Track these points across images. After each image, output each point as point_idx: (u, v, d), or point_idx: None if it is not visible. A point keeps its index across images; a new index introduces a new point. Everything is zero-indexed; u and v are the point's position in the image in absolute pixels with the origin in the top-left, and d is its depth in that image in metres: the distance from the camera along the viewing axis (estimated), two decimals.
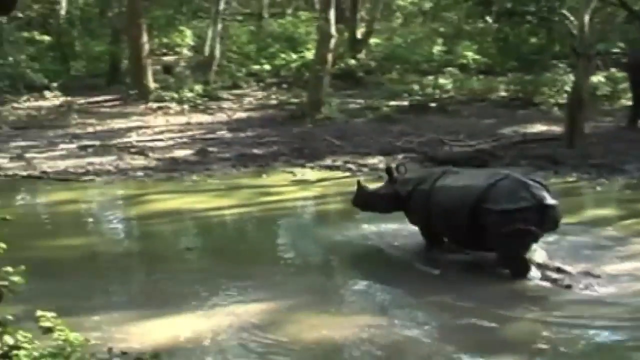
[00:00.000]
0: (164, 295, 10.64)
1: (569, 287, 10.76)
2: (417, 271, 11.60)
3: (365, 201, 13.16)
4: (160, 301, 10.38)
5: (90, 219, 15.50)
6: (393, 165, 13.50)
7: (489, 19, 33.96)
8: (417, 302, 10.37)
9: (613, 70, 28.15)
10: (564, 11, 24.29)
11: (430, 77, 30.02)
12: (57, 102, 30.17)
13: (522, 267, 11.26)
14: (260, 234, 13.43)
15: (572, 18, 22.81)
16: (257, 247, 12.98)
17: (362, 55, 34.67)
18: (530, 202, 11.12)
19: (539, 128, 23.70)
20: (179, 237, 13.80)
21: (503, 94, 28.95)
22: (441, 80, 29.25)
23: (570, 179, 18.04)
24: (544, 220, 11.16)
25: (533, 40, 34.13)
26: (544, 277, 11.12)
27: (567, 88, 25.24)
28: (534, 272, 11.23)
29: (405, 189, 12.54)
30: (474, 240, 11.66)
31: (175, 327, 9.40)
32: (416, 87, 28.62)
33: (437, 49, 34.44)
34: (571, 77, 25.35)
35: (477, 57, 33.44)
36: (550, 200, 11.27)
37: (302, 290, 10.75)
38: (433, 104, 27.12)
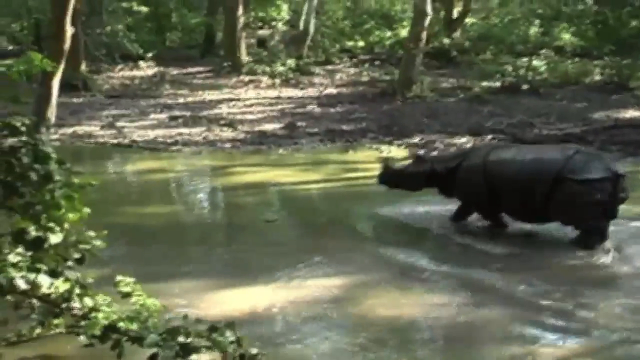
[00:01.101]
0: (242, 266, 10.74)
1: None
2: (488, 252, 11.56)
3: (393, 179, 13.21)
4: (237, 272, 10.47)
5: (176, 189, 15.70)
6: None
7: (588, 0, 33.38)
8: (494, 283, 10.27)
9: None
10: None
11: (525, 59, 29.62)
12: (150, 72, 30.60)
13: (596, 239, 11.46)
14: (342, 209, 13.42)
15: None
16: (337, 223, 12.96)
17: (456, 35, 34.42)
18: (607, 173, 11.39)
19: (632, 114, 23.24)
20: (262, 210, 13.88)
21: (597, 77, 28.44)
22: (535, 62, 28.86)
23: None
24: (617, 190, 11.38)
25: (634, 23, 33.45)
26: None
27: None
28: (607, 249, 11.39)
29: (445, 165, 12.69)
30: (545, 213, 11.72)
31: (251, 298, 9.47)
32: (509, 68, 28.32)
33: (533, 30, 34.04)
34: None
35: (574, 39, 32.95)
36: (622, 171, 11.59)
37: (380, 267, 10.74)
38: (525, 86, 26.81)
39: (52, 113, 19.17)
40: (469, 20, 36.12)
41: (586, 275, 10.62)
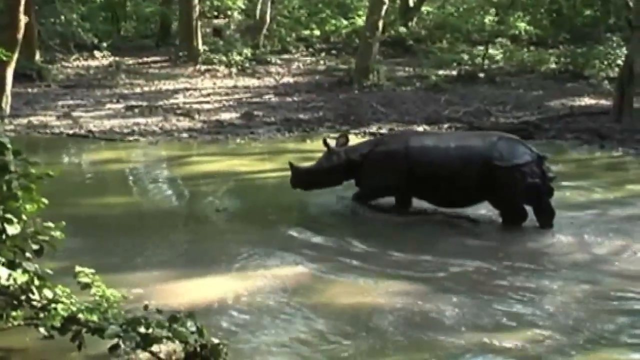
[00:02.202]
0: (199, 256, 10.72)
1: None
2: (446, 234, 11.77)
3: (309, 179, 12.99)
4: (195, 262, 10.46)
5: (133, 179, 15.59)
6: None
7: None
8: (454, 268, 10.33)
9: None
10: None
11: (481, 47, 29.85)
12: (106, 62, 30.35)
13: (521, 216, 12.04)
14: (298, 198, 13.36)
15: None
16: (293, 211, 13.00)
17: (413, 24, 34.47)
18: (532, 156, 11.95)
19: (587, 102, 23.50)
20: (219, 199, 13.84)
21: (553, 66, 28.66)
22: (491, 51, 29.08)
23: (616, 154, 17.91)
24: (543, 171, 11.95)
25: (587, 12, 33.73)
26: None
27: (620, 62, 24.95)
28: None
29: (360, 152, 12.76)
30: (470, 198, 12.26)
31: (209, 288, 9.47)
32: (466, 57, 28.52)
33: (489, 19, 34.21)
34: (624, 51, 25.01)
35: (529, 28, 33.16)
36: (542, 154, 12.23)
37: (337, 255, 10.76)
38: (482, 75, 26.99)
39: (6, 103, 18.92)
40: (424, 8, 36.16)
41: (548, 261, 10.72)
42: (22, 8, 18.70)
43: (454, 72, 27.38)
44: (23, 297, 7.15)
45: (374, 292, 9.53)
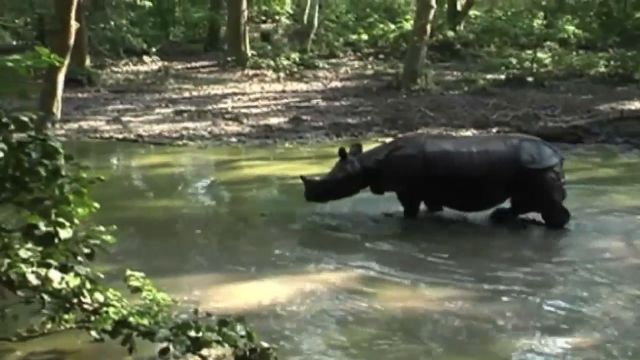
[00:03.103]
0: (247, 259, 10.73)
1: None
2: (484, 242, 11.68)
3: (324, 191, 12.78)
4: (243, 265, 10.46)
5: (182, 183, 15.66)
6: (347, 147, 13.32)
7: None
8: (504, 274, 10.27)
9: None
10: None
11: (529, 51, 29.65)
12: (155, 66, 30.61)
13: (565, 217, 12.07)
14: (345, 202, 13.28)
15: None
16: (341, 216, 12.96)
17: (460, 27, 34.39)
18: (558, 157, 12.16)
19: (637, 105, 23.23)
20: (268, 204, 13.88)
21: (602, 69, 28.40)
22: (540, 55, 28.87)
23: None
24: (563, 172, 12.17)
25: (638, 15, 33.42)
26: None
27: None
28: None
29: (375, 158, 12.61)
30: (494, 201, 12.31)
31: (258, 291, 9.46)
32: (514, 60, 28.35)
33: (537, 22, 34.01)
34: None
35: (578, 31, 32.91)
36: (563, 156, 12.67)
37: (384, 260, 10.72)
38: (530, 78, 26.81)
39: (57, 108, 19.14)
40: (472, 12, 36.07)
41: (598, 267, 10.60)
42: (73, 14, 18.91)
43: (502, 76, 27.22)
44: (75, 301, 7.21)
45: (425, 297, 9.49)
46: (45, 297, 7.21)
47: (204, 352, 7.02)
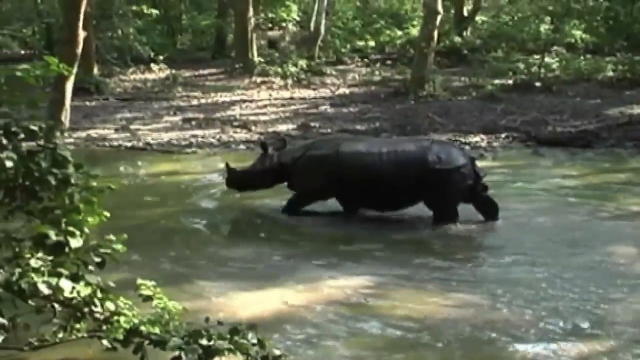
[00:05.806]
0: (258, 267, 10.74)
1: None
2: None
3: (242, 181, 13.56)
4: (255, 273, 10.47)
5: (191, 191, 15.63)
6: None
7: None
8: (522, 279, 10.24)
9: None
10: None
11: (536, 56, 29.60)
12: (162, 74, 30.63)
13: (454, 215, 12.49)
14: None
15: None
16: (353, 222, 12.96)
17: (467, 33, 34.37)
18: (467, 158, 12.56)
19: None
20: (275, 210, 13.86)
21: (610, 74, 28.35)
22: (547, 60, 28.81)
23: None
24: (477, 172, 12.50)
25: None
26: None
27: None
28: None
29: (291, 156, 13.13)
30: (404, 201, 12.66)
31: (270, 299, 9.44)
32: (521, 65, 28.29)
33: (544, 27, 33.94)
34: None
35: (585, 36, 32.87)
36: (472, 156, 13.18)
37: (399, 267, 10.70)
38: (538, 84, 26.78)
39: (66, 117, 19.17)
40: (479, 18, 36.05)
41: (613, 272, 10.56)
42: (80, 23, 18.95)
43: (510, 82, 27.17)
44: (86, 310, 7.19)
45: (441, 303, 9.45)
46: (57, 306, 7.21)
47: None
